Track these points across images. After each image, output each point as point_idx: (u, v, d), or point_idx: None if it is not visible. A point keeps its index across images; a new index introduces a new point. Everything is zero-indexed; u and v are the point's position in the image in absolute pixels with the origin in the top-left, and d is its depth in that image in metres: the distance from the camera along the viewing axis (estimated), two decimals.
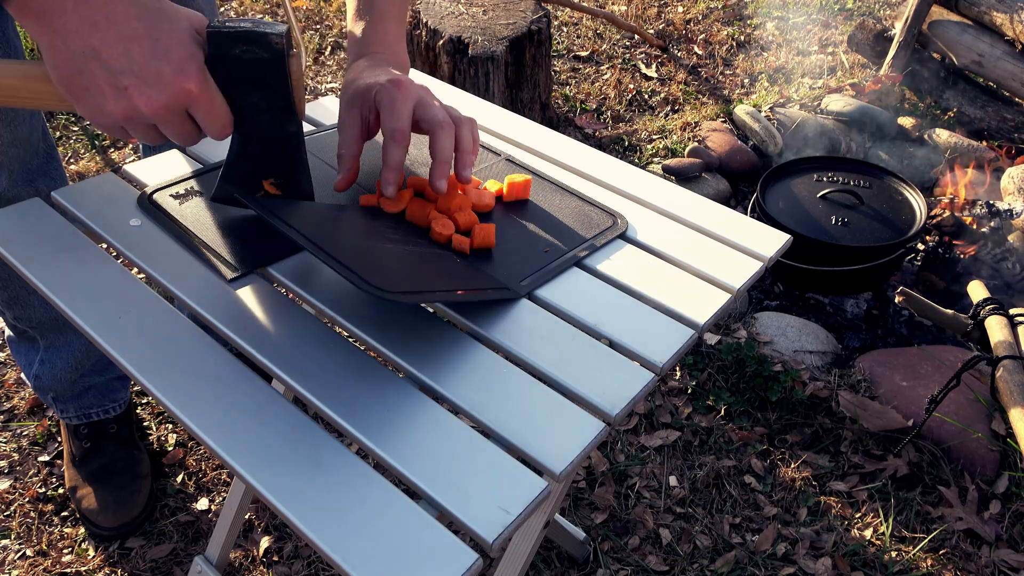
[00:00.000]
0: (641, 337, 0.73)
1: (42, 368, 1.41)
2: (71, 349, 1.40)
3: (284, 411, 0.64)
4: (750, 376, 1.73)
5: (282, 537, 1.46)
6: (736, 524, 1.49)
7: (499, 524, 0.55)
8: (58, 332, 1.37)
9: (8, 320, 1.36)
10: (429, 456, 0.61)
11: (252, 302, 0.74)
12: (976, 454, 1.57)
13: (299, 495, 0.57)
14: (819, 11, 3.43)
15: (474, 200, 0.86)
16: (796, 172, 2.11)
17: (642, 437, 1.64)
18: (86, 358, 1.42)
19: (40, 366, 1.41)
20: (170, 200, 0.86)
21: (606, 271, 0.82)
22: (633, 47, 3.18)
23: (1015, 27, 2.50)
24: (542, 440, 0.62)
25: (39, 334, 1.38)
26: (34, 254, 0.77)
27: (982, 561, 1.42)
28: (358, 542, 0.55)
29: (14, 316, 1.34)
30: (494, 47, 2.30)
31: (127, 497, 1.47)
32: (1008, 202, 2.14)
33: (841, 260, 1.88)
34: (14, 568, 1.41)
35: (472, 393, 0.66)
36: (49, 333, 1.37)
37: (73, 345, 1.39)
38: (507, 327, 0.73)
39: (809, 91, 2.82)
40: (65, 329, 1.37)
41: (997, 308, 1.60)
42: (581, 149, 1.03)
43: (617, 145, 2.57)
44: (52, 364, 1.40)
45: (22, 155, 1.16)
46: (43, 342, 1.39)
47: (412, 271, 0.73)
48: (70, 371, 1.41)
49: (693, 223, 0.90)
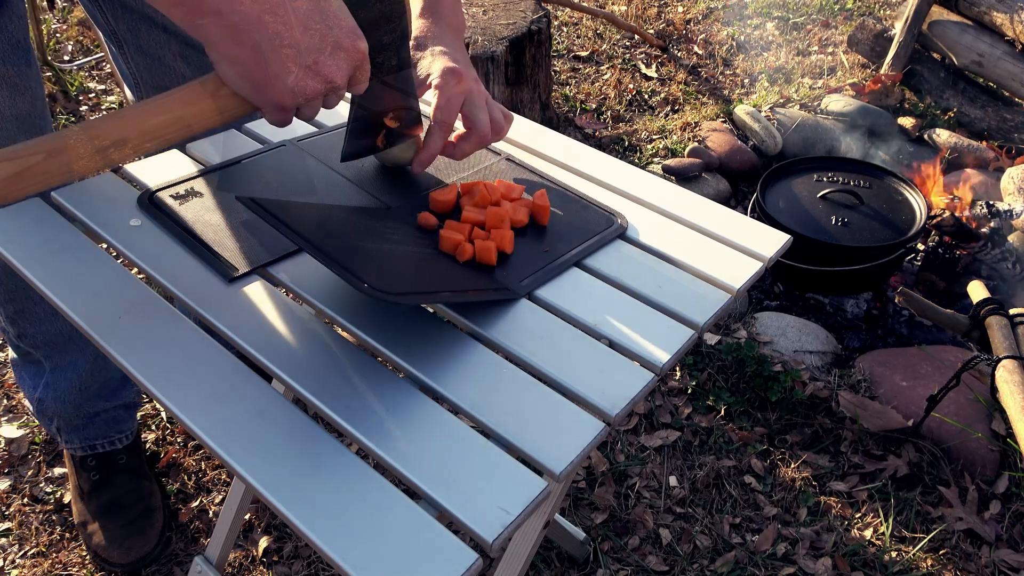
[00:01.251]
0: (641, 337, 0.73)
1: (46, 391, 1.36)
2: (76, 370, 1.35)
3: (284, 411, 0.64)
4: (750, 376, 1.73)
5: (282, 537, 1.46)
6: (736, 524, 1.49)
7: (499, 524, 0.55)
8: (64, 352, 1.33)
9: (12, 338, 1.32)
10: (429, 456, 0.61)
11: (252, 302, 0.74)
12: (976, 454, 1.57)
13: (299, 495, 0.57)
14: (819, 11, 3.43)
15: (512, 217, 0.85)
16: (796, 172, 2.11)
17: (642, 437, 1.64)
18: (91, 380, 1.37)
19: (44, 389, 1.36)
20: (170, 200, 0.86)
21: (606, 271, 0.82)
22: (633, 47, 3.18)
23: (1015, 27, 2.50)
24: (542, 440, 0.62)
25: (44, 355, 1.33)
26: (34, 254, 0.77)
27: (982, 561, 1.42)
28: (358, 542, 0.55)
29: (18, 333, 1.30)
30: (494, 47, 2.30)
31: (139, 532, 1.41)
32: (1008, 202, 2.14)
33: (841, 260, 1.88)
34: (14, 568, 1.41)
35: (472, 393, 0.66)
36: (55, 354, 1.33)
37: (79, 365, 1.35)
38: (507, 327, 0.73)
39: (809, 91, 2.82)
40: (71, 348, 1.33)
41: (997, 308, 1.60)
42: (581, 149, 1.03)
43: (617, 145, 2.57)
44: (56, 387, 1.35)
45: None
46: (48, 364, 1.34)
47: (412, 272, 0.73)
48: (75, 394, 1.37)
49: (693, 223, 0.90)
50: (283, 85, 0.67)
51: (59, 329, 1.31)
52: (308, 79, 0.67)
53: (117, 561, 1.39)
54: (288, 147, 0.98)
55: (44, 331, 1.30)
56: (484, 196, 0.86)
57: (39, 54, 2.84)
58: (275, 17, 0.64)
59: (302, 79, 0.67)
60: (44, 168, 0.65)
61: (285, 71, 0.66)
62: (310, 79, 0.68)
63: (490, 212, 0.83)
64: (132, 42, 1.18)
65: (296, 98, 0.68)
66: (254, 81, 0.67)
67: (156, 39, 1.18)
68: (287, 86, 0.67)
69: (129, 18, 1.16)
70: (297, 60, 0.66)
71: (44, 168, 0.65)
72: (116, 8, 1.15)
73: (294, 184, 0.90)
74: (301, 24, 0.65)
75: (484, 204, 0.86)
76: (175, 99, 0.69)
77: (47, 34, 2.89)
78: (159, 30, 1.17)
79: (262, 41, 0.64)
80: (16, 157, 0.64)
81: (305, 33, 0.66)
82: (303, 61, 0.66)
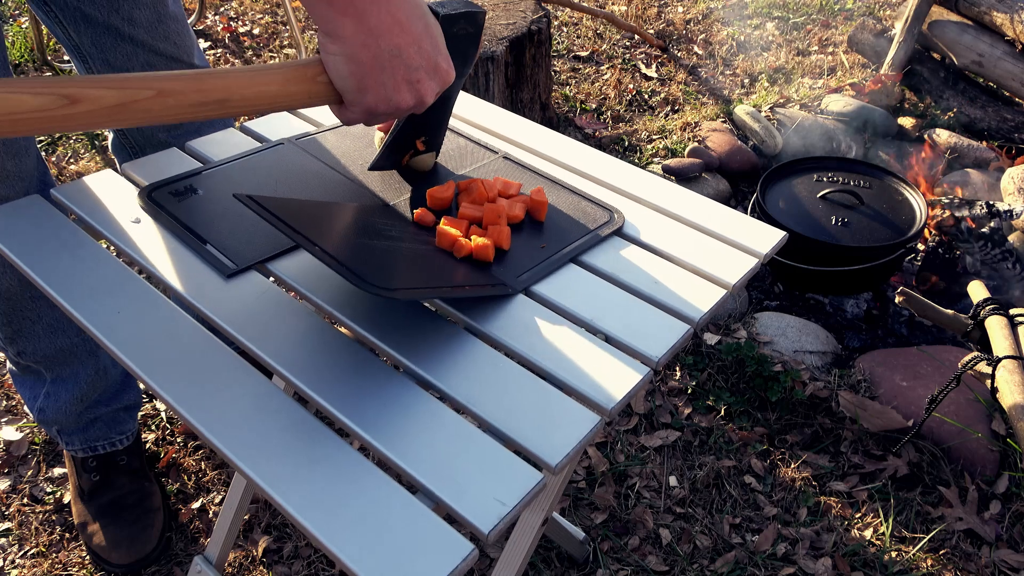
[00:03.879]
0: (637, 332, 0.73)
1: (47, 401, 1.36)
2: (78, 381, 1.34)
3: (284, 406, 0.64)
4: (750, 376, 1.73)
5: (282, 537, 1.47)
6: (736, 524, 1.49)
7: (495, 515, 0.56)
8: (65, 364, 1.32)
9: (11, 356, 1.31)
10: (427, 449, 0.61)
11: (252, 299, 0.74)
12: (976, 454, 1.57)
13: (297, 488, 0.58)
14: (819, 11, 3.44)
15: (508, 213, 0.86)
16: (796, 172, 2.11)
17: (642, 437, 1.64)
18: (92, 389, 1.37)
19: (45, 399, 1.36)
20: (169, 197, 0.86)
21: (602, 267, 0.82)
22: (633, 47, 3.19)
23: (1015, 27, 2.50)
24: (538, 433, 0.62)
25: (44, 368, 1.32)
26: (34, 251, 0.78)
27: (982, 561, 1.42)
28: (356, 534, 0.55)
29: (17, 352, 1.29)
30: (494, 47, 2.30)
31: (139, 533, 1.41)
32: (1008, 202, 2.14)
33: (841, 260, 1.88)
34: (14, 568, 1.41)
35: (469, 387, 0.66)
36: (55, 366, 1.32)
37: (80, 377, 1.34)
38: (504, 322, 0.73)
39: (809, 91, 2.83)
40: (72, 361, 1.32)
41: (997, 308, 1.60)
42: (580, 149, 1.03)
43: (617, 145, 2.58)
44: (57, 396, 1.35)
45: (25, 186, 1.13)
46: (49, 375, 1.34)
47: (409, 268, 0.73)
48: (75, 403, 1.36)
49: (689, 220, 0.91)
50: (385, 93, 0.71)
51: (59, 346, 1.29)
52: (406, 93, 0.72)
53: (117, 562, 1.39)
54: (286, 145, 0.98)
55: (44, 348, 1.29)
56: (481, 192, 0.86)
57: (39, 54, 2.85)
58: (402, 31, 0.69)
59: (401, 91, 0.71)
60: (148, 106, 0.66)
61: (391, 80, 0.70)
62: (408, 93, 0.72)
63: (487, 208, 0.83)
64: (98, 56, 1.16)
65: (390, 107, 0.72)
66: (362, 83, 0.70)
67: (123, 52, 1.15)
68: (387, 94, 0.71)
69: (93, 32, 1.13)
70: (404, 74, 0.71)
71: (148, 106, 0.66)
72: (78, 23, 1.13)
73: (292, 182, 0.91)
74: (417, 43, 0.70)
75: (481, 200, 0.86)
76: (279, 75, 0.71)
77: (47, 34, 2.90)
78: (126, 43, 1.15)
79: (385, 50, 0.69)
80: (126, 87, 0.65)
81: (418, 52, 0.70)
82: (408, 76, 0.71)
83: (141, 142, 1.31)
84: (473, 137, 1.03)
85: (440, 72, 0.74)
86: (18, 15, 3.16)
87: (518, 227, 0.86)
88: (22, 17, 3.14)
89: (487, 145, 1.01)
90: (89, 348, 1.33)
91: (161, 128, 1.30)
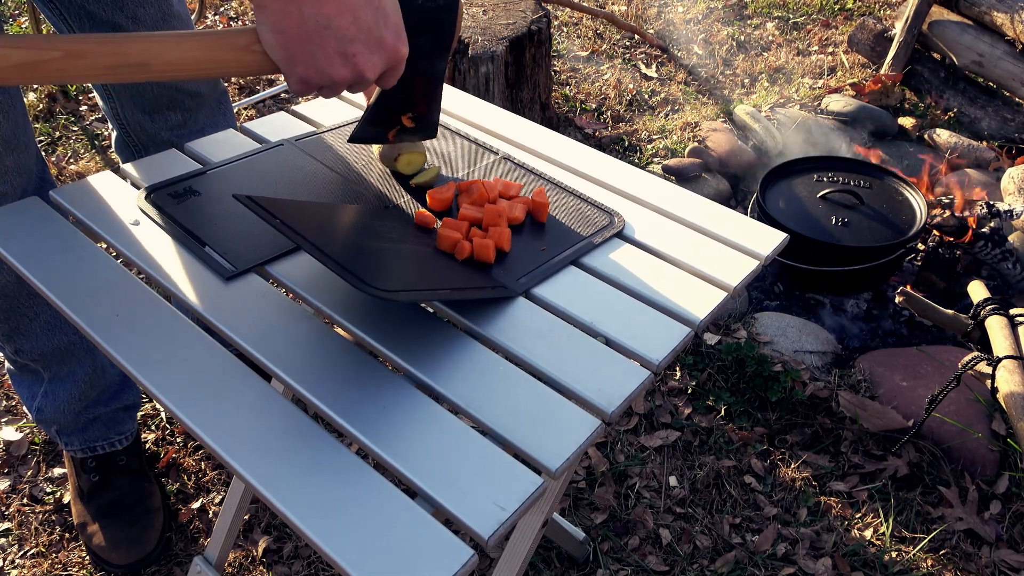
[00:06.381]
0: (637, 335, 0.73)
1: (45, 400, 1.35)
2: (75, 380, 1.34)
3: (283, 410, 0.64)
4: (750, 376, 1.73)
5: (281, 537, 1.46)
6: (736, 524, 1.49)
7: (495, 520, 0.56)
8: (62, 363, 1.32)
9: (8, 354, 1.31)
10: (426, 454, 0.61)
11: (251, 301, 0.74)
12: (976, 454, 1.57)
13: (297, 492, 0.57)
14: (819, 11, 3.43)
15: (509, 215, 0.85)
16: (796, 172, 2.11)
17: (642, 437, 1.64)
18: (91, 388, 1.36)
19: (43, 398, 1.35)
20: (169, 199, 0.86)
21: (603, 269, 0.82)
22: (633, 47, 3.19)
23: (1015, 27, 2.50)
24: (538, 437, 0.62)
25: (42, 366, 1.32)
26: (33, 253, 0.78)
27: (982, 561, 1.42)
28: (356, 539, 0.55)
29: (15, 350, 1.29)
30: (494, 47, 2.30)
31: (139, 533, 1.40)
32: (1008, 202, 2.13)
33: (841, 260, 1.88)
34: (14, 568, 1.41)
35: (469, 391, 0.66)
36: (53, 364, 1.31)
37: (78, 375, 1.34)
38: (504, 325, 0.73)
39: (809, 91, 2.82)
40: (69, 360, 1.32)
41: (997, 308, 1.59)
42: (581, 150, 1.03)
43: (617, 145, 2.58)
44: (55, 396, 1.34)
45: (24, 182, 1.13)
46: (47, 374, 1.33)
47: (410, 270, 0.73)
48: (74, 402, 1.35)
49: (690, 222, 0.90)
50: (315, 64, 0.68)
51: (56, 344, 1.29)
52: (340, 66, 0.69)
53: (117, 562, 1.39)
54: (286, 147, 0.98)
55: (41, 346, 1.28)
56: (482, 194, 0.86)
57: None
58: (331, 1, 0.66)
59: (334, 64, 0.68)
60: (60, 66, 0.66)
61: (321, 52, 0.67)
62: (341, 66, 0.69)
63: (488, 210, 0.83)
64: None
65: (323, 79, 0.70)
66: (289, 52, 0.68)
67: None
68: (318, 66, 0.68)
69: (97, 30, 1.13)
70: (336, 46, 0.67)
71: (60, 66, 0.66)
72: (83, 20, 1.13)
73: (292, 183, 0.90)
74: (351, 13, 0.67)
75: (482, 202, 0.86)
76: (206, 42, 0.70)
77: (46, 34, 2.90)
78: None
79: (310, 18, 0.66)
80: (36, 47, 0.65)
81: (353, 23, 0.67)
82: (341, 48, 0.68)
83: (144, 140, 1.31)
84: (473, 138, 1.03)
85: (385, 46, 0.70)
86: (18, 15, 3.16)
87: (519, 229, 0.85)
88: (22, 17, 3.13)
89: (487, 146, 1.01)
90: (87, 346, 1.33)
91: (164, 127, 1.29)
